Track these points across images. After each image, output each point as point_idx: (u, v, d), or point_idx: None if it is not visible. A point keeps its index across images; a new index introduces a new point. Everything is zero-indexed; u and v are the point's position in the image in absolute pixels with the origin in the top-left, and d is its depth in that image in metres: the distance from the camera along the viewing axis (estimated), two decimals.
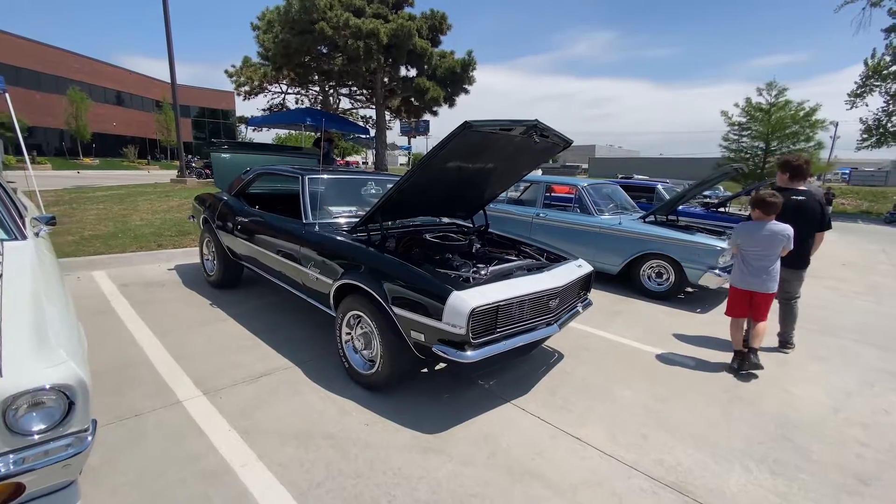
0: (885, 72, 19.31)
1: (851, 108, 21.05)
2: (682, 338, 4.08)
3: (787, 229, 3.32)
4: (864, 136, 21.06)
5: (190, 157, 24.63)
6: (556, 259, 3.38)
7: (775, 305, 3.70)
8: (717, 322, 4.59)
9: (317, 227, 3.29)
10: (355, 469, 2.10)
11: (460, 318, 2.27)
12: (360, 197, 3.99)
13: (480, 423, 2.54)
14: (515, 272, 2.88)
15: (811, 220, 3.65)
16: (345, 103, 18.32)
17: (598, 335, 4.03)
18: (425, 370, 3.14)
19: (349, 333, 2.91)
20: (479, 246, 3.53)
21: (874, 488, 2.22)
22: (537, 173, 9.28)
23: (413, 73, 14.66)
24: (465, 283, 2.49)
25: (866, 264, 8.54)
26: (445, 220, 4.13)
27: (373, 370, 2.72)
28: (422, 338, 2.44)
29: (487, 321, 2.43)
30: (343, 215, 3.58)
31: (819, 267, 7.30)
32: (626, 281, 5.63)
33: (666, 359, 3.60)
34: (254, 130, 16.12)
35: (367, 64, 12.12)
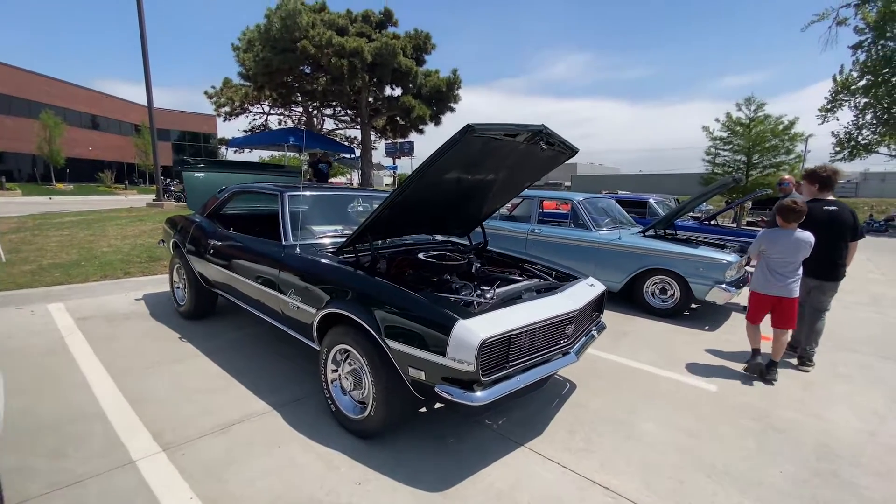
0: (853, 87, 20.02)
1: (823, 122, 21.72)
2: (696, 360, 3.80)
3: (811, 237, 3.26)
4: (837, 149, 21.69)
5: (168, 180, 23.98)
6: (565, 278, 3.08)
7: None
8: (727, 341, 4.34)
9: (298, 248, 2.93)
10: None
11: (468, 353, 1.93)
12: (346, 215, 3.65)
13: (493, 475, 2.17)
14: (524, 294, 2.57)
15: (845, 230, 3.60)
16: (329, 124, 18.11)
17: (608, 359, 3.72)
18: (424, 409, 2.77)
19: (336, 371, 2.53)
20: (479, 265, 3.21)
21: None
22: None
23: (398, 91, 14.54)
24: (469, 310, 2.15)
25: (858, 274, 8.48)
26: (440, 238, 3.82)
27: (364, 414, 2.34)
28: (422, 376, 2.08)
29: (499, 354, 2.10)
30: (328, 235, 3.23)
31: None
32: (628, 299, 5.36)
33: (684, 385, 3.30)
34: (235, 152, 15.69)
35: (352, 83, 11.93)
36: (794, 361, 3.78)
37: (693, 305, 5.26)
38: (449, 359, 1.97)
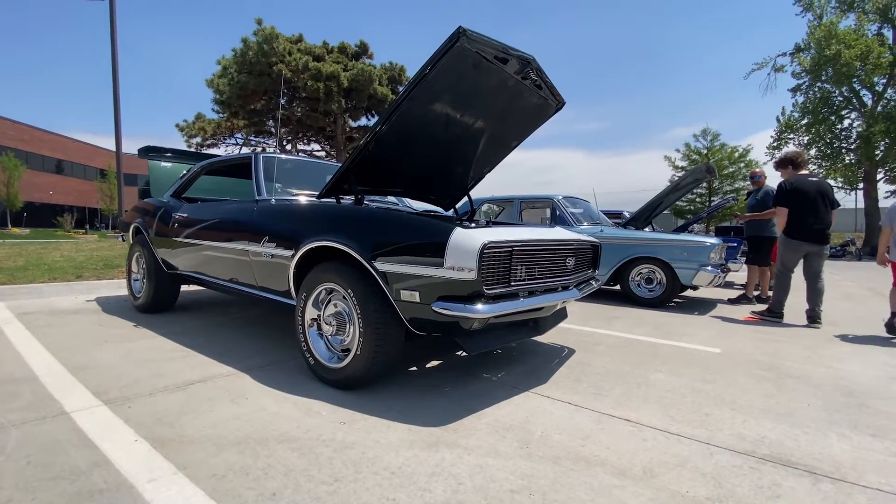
0: (795, 126, 21.79)
1: (771, 159, 23.44)
2: (692, 332, 3.65)
3: None
4: None
5: None
6: None
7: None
8: (720, 322, 4.24)
9: (273, 201, 2.70)
10: (331, 473, 1.40)
11: (468, 258, 1.73)
12: (322, 182, 3.45)
13: (499, 413, 1.90)
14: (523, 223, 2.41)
15: (830, 198, 4.05)
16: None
17: (605, 333, 3.53)
18: (414, 367, 2.48)
19: (316, 319, 2.24)
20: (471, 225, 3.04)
21: None
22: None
23: (374, 120, 14.79)
24: (467, 225, 1.97)
25: (828, 280, 8.73)
26: (421, 207, 3.65)
27: (347, 361, 2.05)
28: (416, 297, 1.85)
29: (500, 268, 1.89)
30: (303, 195, 3.02)
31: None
32: (616, 293, 5.25)
33: (686, 349, 3.13)
34: None
35: (328, 105, 12.04)
36: (804, 322, 4.04)
37: (679, 296, 5.20)
38: (447, 268, 1.76)
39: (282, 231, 2.43)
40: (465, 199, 3.44)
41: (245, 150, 16.41)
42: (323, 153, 17.83)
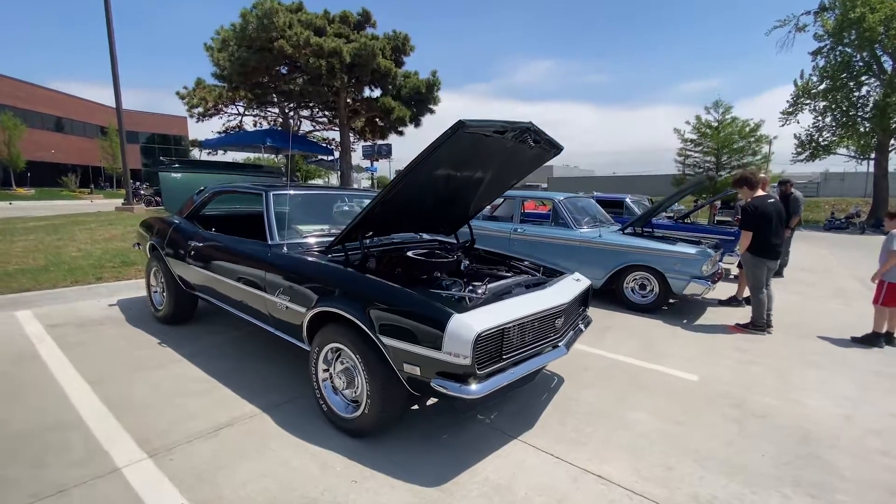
0: (813, 91, 21.03)
1: (784, 124, 22.78)
2: (676, 352, 3.91)
3: None
4: (798, 150, 22.75)
5: (138, 183, 23.15)
6: (551, 273, 3.13)
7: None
8: (704, 334, 4.49)
9: (285, 248, 2.89)
10: None
11: (464, 346, 1.95)
12: (331, 215, 3.62)
13: (488, 468, 2.19)
14: (514, 290, 2.61)
15: (783, 217, 4.49)
16: (305, 125, 17.84)
17: (594, 353, 3.80)
18: (416, 406, 2.76)
19: (327, 370, 2.50)
20: (467, 263, 3.23)
21: None
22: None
23: (377, 93, 14.45)
24: (463, 304, 2.17)
25: (823, 268, 8.91)
26: (426, 236, 3.83)
27: (357, 413, 2.32)
28: (417, 371, 2.09)
29: (493, 348, 2.12)
30: (314, 235, 3.20)
31: (784, 272, 7.50)
32: (609, 295, 5.49)
33: (668, 376, 3.40)
34: (209, 154, 15.26)
35: (330, 83, 11.78)
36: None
37: (671, 300, 5.43)
38: (445, 353, 1.98)
39: (294, 288, 2.64)
40: (466, 226, 3.61)
41: (246, 124, 16.15)
42: (325, 119, 17.56)
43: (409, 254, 2.98)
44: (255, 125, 17.34)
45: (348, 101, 14.18)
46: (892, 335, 4.27)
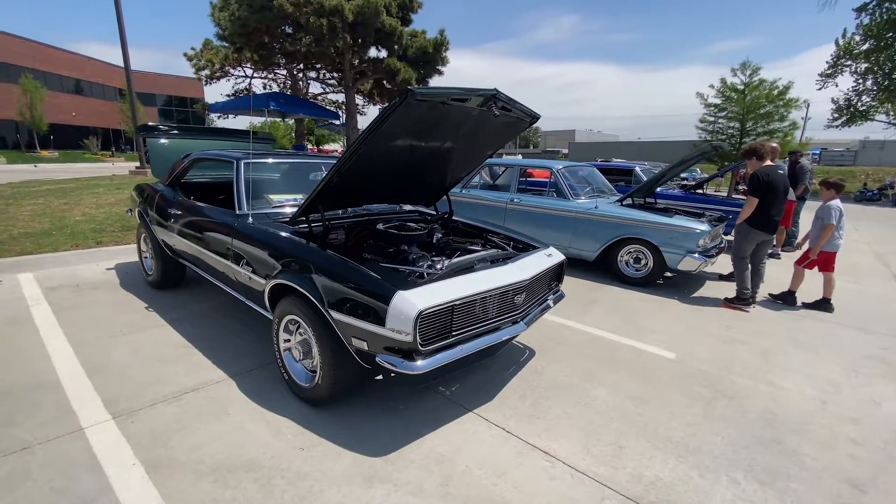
0: (855, 51, 19.46)
1: (822, 88, 21.28)
2: (660, 328, 3.83)
3: None
4: (835, 115, 21.34)
5: None
6: (524, 248, 3.05)
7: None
8: (696, 309, 4.37)
9: (250, 218, 2.88)
10: None
11: (405, 323, 1.93)
12: (308, 184, 3.57)
13: (436, 440, 2.22)
14: (477, 265, 2.55)
15: (787, 189, 4.41)
16: (315, 88, 17.52)
17: (573, 327, 3.75)
18: (380, 377, 2.80)
19: (288, 340, 2.53)
20: (440, 236, 3.17)
21: (871, 496, 1.99)
22: (517, 157, 8.96)
23: (384, 53, 13.99)
24: (414, 281, 2.14)
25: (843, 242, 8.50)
26: (407, 207, 3.76)
27: (314, 383, 2.36)
28: (364, 345, 2.09)
29: (441, 324, 2.09)
30: (287, 205, 3.17)
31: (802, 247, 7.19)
32: (603, 267, 5.37)
33: (644, 352, 3.34)
34: (218, 117, 15.21)
35: (332, 43, 11.41)
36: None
37: (668, 274, 5.29)
38: (388, 329, 1.97)
39: (256, 259, 2.64)
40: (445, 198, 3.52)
41: (256, 87, 15.92)
42: (334, 81, 17.19)
43: (379, 226, 2.94)
44: (264, 87, 17.15)
45: (354, 62, 13.76)
46: (828, 301, 4.45)
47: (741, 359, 3.31)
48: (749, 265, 4.40)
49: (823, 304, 4.44)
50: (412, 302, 1.94)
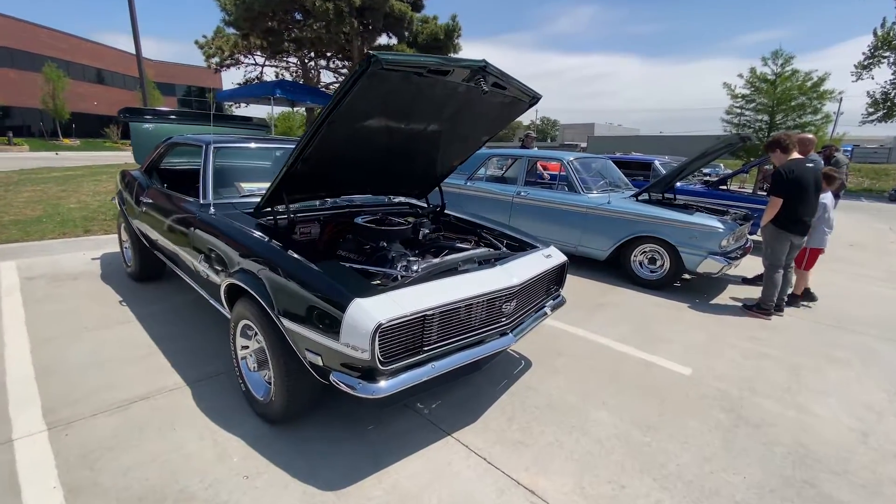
0: (894, 42, 18.30)
1: (857, 79, 20.10)
2: (675, 338, 3.45)
3: None
4: (871, 109, 20.16)
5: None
6: (520, 247, 2.71)
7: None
8: (717, 317, 3.96)
9: (212, 208, 2.59)
10: None
11: (361, 339, 1.61)
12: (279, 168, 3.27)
13: (404, 472, 1.90)
14: (462, 266, 2.22)
15: (819, 185, 3.87)
16: (326, 77, 17.24)
17: (576, 334, 3.39)
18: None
19: (246, 347, 2.25)
20: (427, 231, 2.85)
21: None
22: (533, 149, 8.49)
23: (394, 41, 13.59)
24: (378, 286, 1.82)
25: (878, 245, 7.90)
26: (398, 199, 3.44)
27: (270, 397, 2.07)
28: (319, 360, 1.78)
29: (409, 338, 1.77)
30: (258, 194, 2.87)
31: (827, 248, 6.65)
32: (615, 268, 4.97)
33: (655, 367, 2.97)
34: (229, 105, 15.09)
35: (340, 28, 11.08)
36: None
37: (685, 277, 4.87)
38: (342, 344, 1.66)
39: (212, 254, 2.36)
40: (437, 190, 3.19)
41: (267, 75, 15.71)
42: (345, 69, 16.86)
43: (357, 220, 2.62)
44: (276, 76, 16.94)
45: (363, 49, 13.39)
46: (797, 297, 4.31)
47: (767, 377, 2.91)
48: (783, 275, 3.93)
49: (793, 300, 4.30)
50: (370, 313, 1.63)
